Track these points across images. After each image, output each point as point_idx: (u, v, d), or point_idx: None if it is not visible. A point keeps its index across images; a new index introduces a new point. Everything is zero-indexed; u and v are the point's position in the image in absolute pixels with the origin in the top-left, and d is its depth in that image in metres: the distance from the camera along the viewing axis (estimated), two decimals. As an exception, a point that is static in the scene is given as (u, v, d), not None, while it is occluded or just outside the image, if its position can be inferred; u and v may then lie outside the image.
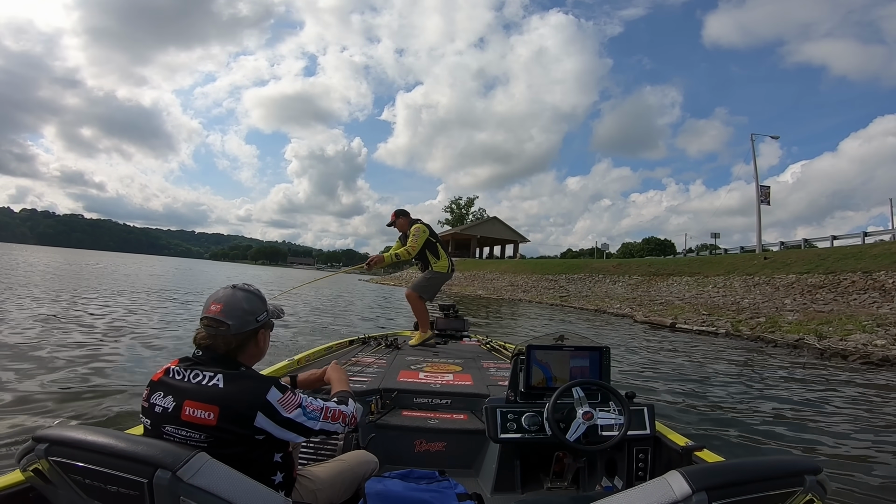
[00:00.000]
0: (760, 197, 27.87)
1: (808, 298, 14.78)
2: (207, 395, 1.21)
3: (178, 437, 1.20)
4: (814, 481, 1.01)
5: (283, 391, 1.28)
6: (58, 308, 9.10)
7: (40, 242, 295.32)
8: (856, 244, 21.83)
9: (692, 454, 1.84)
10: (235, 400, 1.22)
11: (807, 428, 4.13)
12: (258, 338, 1.38)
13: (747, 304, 15.44)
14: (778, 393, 5.60)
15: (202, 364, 1.28)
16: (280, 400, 1.26)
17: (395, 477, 1.51)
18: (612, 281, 27.05)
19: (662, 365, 7.25)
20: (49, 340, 5.93)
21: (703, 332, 12.08)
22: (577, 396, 1.90)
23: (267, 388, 1.25)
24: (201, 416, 1.19)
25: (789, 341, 9.90)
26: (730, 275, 20.86)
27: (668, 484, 0.95)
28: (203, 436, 1.19)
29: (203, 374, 1.25)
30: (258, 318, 1.36)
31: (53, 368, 4.65)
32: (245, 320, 1.32)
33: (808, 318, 11.72)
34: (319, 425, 1.34)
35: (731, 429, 4.02)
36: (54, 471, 1.01)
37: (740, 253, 28.14)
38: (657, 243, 58.22)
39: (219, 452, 1.10)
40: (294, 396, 1.30)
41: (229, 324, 1.30)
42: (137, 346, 6.28)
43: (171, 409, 1.21)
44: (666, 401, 4.92)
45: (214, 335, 1.30)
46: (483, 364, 3.40)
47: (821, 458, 3.44)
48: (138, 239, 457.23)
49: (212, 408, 1.19)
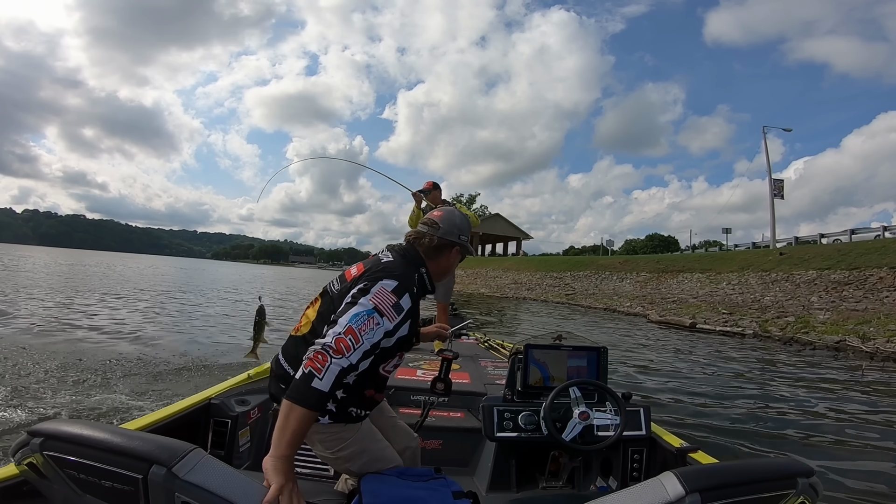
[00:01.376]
0: (774, 191, 26.81)
1: (835, 296, 13.77)
2: (370, 262, 1.42)
3: (330, 287, 1.43)
4: (806, 484, 1.00)
5: (394, 293, 1.31)
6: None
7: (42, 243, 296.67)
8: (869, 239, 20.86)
9: (687, 455, 1.83)
10: (369, 272, 1.37)
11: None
12: (452, 252, 1.53)
13: (770, 303, 14.45)
14: (872, 418, 4.43)
15: (395, 250, 1.48)
16: (380, 292, 1.30)
17: (391, 474, 1.45)
18: (619, 278, 26.14)
19: (702, 373, 6.31)
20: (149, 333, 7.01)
21: (728, 332, 11.14)
22: (573, 396, 1.90)
23: (394, 277, 1.34)
24: (353, 272, 1.41)
25: (828, 343, 8.95)
26: (744, 271, 19.94)
27: (661, 485, 0.95)
28: (339, 286, 1.40)
29: (384, 254, 1.46)
30: (461, 237, 1.53)
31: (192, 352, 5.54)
32: (451, 230, 1.51)
33: (843, 318, 10.76)
34: (345, 326, 1.24)
35: (850, 479, 3.04)
36: (49, 465, 0.99)
37: (752, 249, 27.16)
38: (661, 240, 57.22)
39: (328, 305, 1.37)
40: (389, 308, 1.29)
41: (439, 226, 1.50)
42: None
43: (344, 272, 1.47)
44: (726, 427, 4.04)
45: (424, 233, 1.50)
46: (481, 362, 3.39)
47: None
48: (140, 239, 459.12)
49: (359, 266, 1.42)
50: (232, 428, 2.04)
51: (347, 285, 1.38)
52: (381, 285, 1.31)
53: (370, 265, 1.41)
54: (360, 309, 1.25)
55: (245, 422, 2.13)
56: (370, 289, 1.30)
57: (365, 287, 1.31)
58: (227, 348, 6.50)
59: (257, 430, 2.21)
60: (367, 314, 1.25)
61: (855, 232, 23.16)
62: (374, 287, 1.30)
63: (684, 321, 12.61)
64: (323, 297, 1.44)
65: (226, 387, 2.24)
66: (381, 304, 1.28)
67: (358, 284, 1.33)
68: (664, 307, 16.21)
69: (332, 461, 1.47)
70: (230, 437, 2.03)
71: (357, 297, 1.29)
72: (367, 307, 1.26)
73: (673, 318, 13.30)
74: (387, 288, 1.31)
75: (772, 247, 25.11)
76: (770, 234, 26.82)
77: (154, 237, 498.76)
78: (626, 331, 11.85)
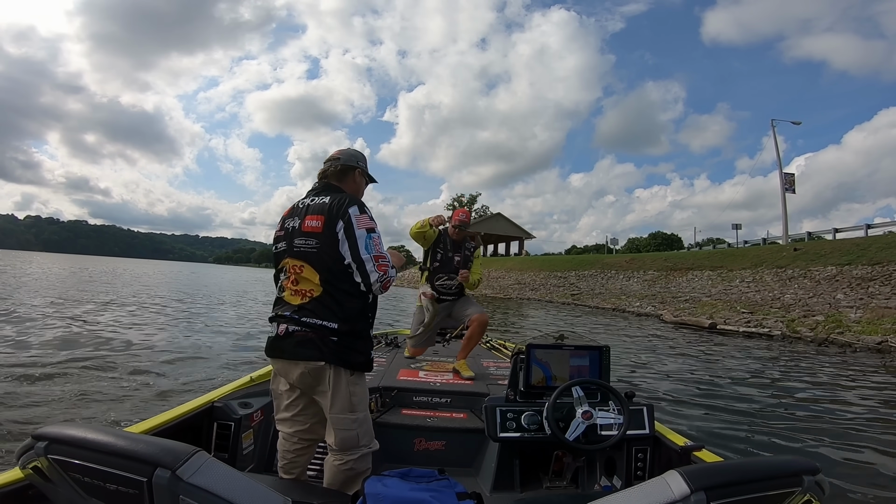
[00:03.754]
0: (785, 185, 25.90)
1: (861, 293, 12.92)
2: (317, 209, 1.61)
3: (303, 247, 1.59)
4: (812, 482, 0.98)
5: (364, 212, 1.61)
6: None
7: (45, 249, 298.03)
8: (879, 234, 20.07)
9: (691, 454, 1.81)
10: (331, 209, 1.59)
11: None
12: (355, 174, 1.78)
13: (791, 301, 13.59)
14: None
15: (316, 192, 1.70)
16: (357, 216, 1.58)
17: (394, 476, 1.43)
18: (626, 277, 25.34)
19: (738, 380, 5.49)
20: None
21: (752, 333, 10.30)
22: (576, 396, 1.89)
23: (352, 203, 1.61)
24: (314, 224, 1.58)
25: (869, 344, 8.11)
26: (758, 268, 19.16)
27: (666, 483, 0.94)
28: (315, 241, 1.57)
29: (317, 197, 1.67)
30: (359, 162, 1.80)
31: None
32: (351, 159, 1.78)
33: (877, 317, 9.91)
34: (369, 256, 1.56)
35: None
36: (54, 469, 0.98)
37: (763, 245, 26.29)
38: (664, 238, 56.15)
39: (323, 261, 1.56)
40: (370, 221, 1.61)
41: (339, 157, 1.77)
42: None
43: (298, 226, 1.61)
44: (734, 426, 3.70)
45: (328, 168, 1.75)
46: (483, 363, 3.37)
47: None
48: (143, 244, 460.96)
49: (319, 217, 1.59)
50: (235, 431, 2.04)
51: (324, 232, 1.57)
52: (351, 214, 1.58)
53: (324, 210, 1.60)
54: (363, 237, 1.57)
55: (248, 424, 2.11)
56: (351, 221, 1.56)
57: (346, 222, 1.56)
58: (228, 350, 6.45)
59: (260, 432, 2.20)
60: (369, 237, 1.58)
61: (871, 226, 22.34)
62: (352, 218, 1.57)
63: (702, 321, 11.77)
64: (306, 262, 1.59)
65: (228, 390, 2.25)
66: (369, 224, 1.60)
67: (335, 224, 1.57)
68: (677, 307, 15.38)
69: (347, 425, 1.57)
70: (233, 440, 2.03)
71: (350, 232, 1.56)
72: (364, 234, 1.57)
73: (689, 319, 12.46)
74: (357, 212, 1.59)
75: (784, 242, 24.25)
76: (782, 229, 25.92)
77: (157, 242, 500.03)
78: (640, 332, 11.04)
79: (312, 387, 1.58)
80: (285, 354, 1.57)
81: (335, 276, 1.56)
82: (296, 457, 1.70)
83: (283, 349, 1.57)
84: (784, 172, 26.41)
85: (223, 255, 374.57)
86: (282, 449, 1.71)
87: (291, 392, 1.65)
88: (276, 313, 1.62)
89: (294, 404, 1.66)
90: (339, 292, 1.56)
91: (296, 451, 1.69)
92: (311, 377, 1.56)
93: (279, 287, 1.66)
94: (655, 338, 9.98)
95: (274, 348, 1.61)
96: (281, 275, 1.65)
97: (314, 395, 1.60)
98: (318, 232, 1.57)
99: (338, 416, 1.56)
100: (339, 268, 1.56)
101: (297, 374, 1.57)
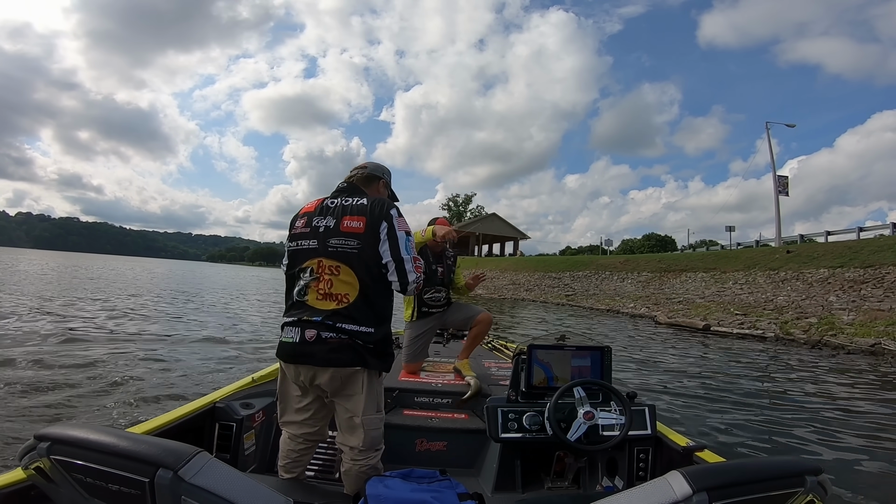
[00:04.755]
0: (778, 187, 26.06)
1: (854, 295, 12.96)
2: (357, 210, 1.62)
3: (341, 248, 1.57)
4: (814, 482, 0.98)
5: (401, 215, 1.66)
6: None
7: (36, 246, 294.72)
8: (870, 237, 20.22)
9: (693, 454, 1.81)
10: (373, 210, 1.61)
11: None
12: (380, 184, 1.82)
13: (784, 303, 13.63)
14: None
15: (347, 192, 1.71)
16: (397, 218, 1.63)
17: (396, 476, 1.44)
18: (620, 278, 25.36)
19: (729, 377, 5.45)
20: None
21: (746, 335, 10.30)
22: (578, 396, 1.89)
23: (391, 206, 1.65)
24: (355, 225, 1.58)
25: (863, 346, 8.11)
26: (750, 270, 19.19)
27: (668, 484, 0.94)
28: (356, 242, 1.57)
29: (350, 198, 1.67)
30: (384, 174, 1.86)
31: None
32: (378, 169, 1.84)
33: (870, 319, 9.94)
34: (409, 257, 1.61)
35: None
36: (56, 469, 0.99)
37: (756, 247, 26.43)
38: (658, 239, 56.36)
39: (364, 262, 1.56)
40: (406, 224, 1.66)
41: (367, 167, 1.82)
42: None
43: (333, 226, 1.60)
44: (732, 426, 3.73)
45: (355, 174, 1.79)
46: (484, 363, 3.37)
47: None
48: (135, 241, 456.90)
49: (360, 218, 1.60)
50: (237, 431, 2.04)
51: (366, 233, 1.59)
52: (393, 216, 1.63)
53: (365, 211, 1.62)
54: (403, 238, 1.62)
55: (250, 425, 2.11)
56: (393, 223, 1.61)
57: (389, 223, 1.61)
58: (229, 351, 6.37)
59: (262, 433, 2.20)
60: (408, 239, 1.64)
61: (863, 229, 22.53)
62: (394, 220, 1.62)
63: (697, 323, 11.77)
64: (345, 263, 1.57)
65: (230, 390, 2.25)
66: (407, 227, 1.66)
67: (378, 226, 1.60)
68: (671, 308, 15.39)
69: (377, 424, 1.61)
70: (235, 441, 2.03)
71: (392, 233, 1.60)
72: (404, 235, 1.63)
73: (683, 320, 12.45)
74: (397, 214, 1.65)
75: (777, 244, 24.38)
76: (775, 232, 26.06)
77: (149, 240, 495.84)
78: (635, 334, 11.01)
79: (337, 391, 1.57)
80: (315, 360, 1.53)
81: (373, 277, 1.57)
82: (300, 456, 1.72)
83: (313, 355, 1.52)
84: (777, 175, 26.58)
85: (216, 253, 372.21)
86: (286, 448, 1.71)
87: (304, 396, 1.65)
88: (300, 318, 1.55)
89: (306, 408, 1.66)
90: (375, 295, 1.58)
91: (300, 451, 1.71)
92: (340, 381, 1.55)
93: (301, 289, 1.58)
94: (651, 339, 9.95)
95: (298, 354, 1.55)
96: (303, 275, 1.58)
97: (336, 398, 1.59)
98: (360, 233, 1.57)
99: (369, 417, 1.58)
100: (377, 269, 1.58)
101: (324, 378, 1.55)
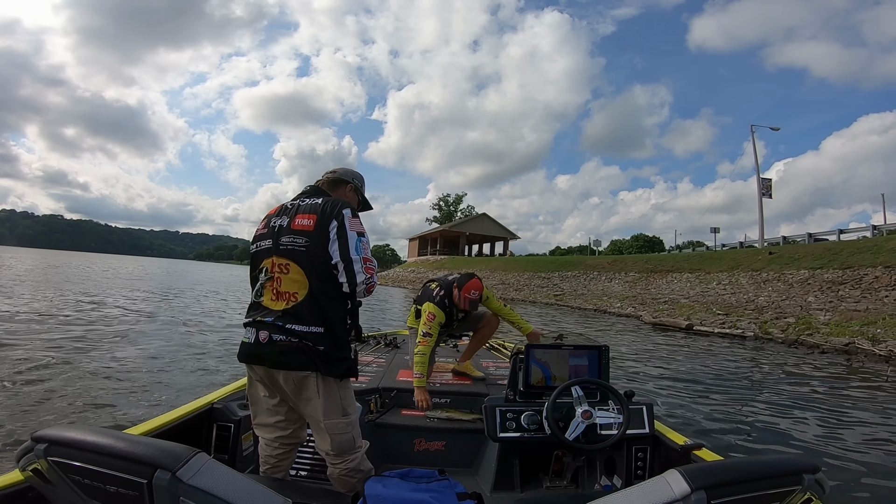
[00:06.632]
0: (762, 189, 26.57)
1: (832, 296, 13.32)
2: (309, 208, 1.61)
3: (290, 245, 1.55)
4: (812, 480, 0.98)
5: (356, 216, 1.63)
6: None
7: (20, 244, 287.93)
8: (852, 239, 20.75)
9: (691, 453, 1.80)
10: (324, 209, 1.59)
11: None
12: (347, 189, 1.83)
13: (765, 303, 13.93)
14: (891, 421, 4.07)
15: (307, 195, 1.70)
16: (350, 218, 1.59)
17: (395, 476, 1.44)
18: (608, 278, 25.66)
19: (705, 374, 5.61)
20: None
21: (727, 334, 10.52)
22: (576, 395, 1.88)
23: (346, 205, 1.63)
24: (305, 223, 1.57)
25: (837, 346, 8.35)
26: (734, 271, 19.61)
27: (666, 482, 0.94)
28: (304, 239, 1.55)
29: (308, 199, 1.67)
30: (354, 179, 1.87)
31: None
32: (347, 174, 1.86)
33: (845, 319, 10.23)
34: (358, 257, 1.56)
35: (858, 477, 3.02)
36: (53, 471, 0.98)
37: (740, 248, 26.91)
38: (646, 240, 56.98)
39: (311, 260, 1.54)
40: (360, 225, 1.63)
41: (336, 171, 1.85)
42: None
43: (286, 224, 1.59)
44: (730, 424, 3.82)
45: (323, 177, 1.83)
46: (482, 363, 3.34)
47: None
48: (120, 239, 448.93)
49: (311, 216, 1.58)
50: (235, 432, 2.04)
51: (315, 231, 1.56)
52: (345, 215, 1.59)
53: (316, 210, 1.60)
54: (353, 238, 1.57)
55: (248, 426, 2.06)
56: (344, 222, 1.57)
57: (340, 223, 1.57)
58: (227, 352, 6.34)
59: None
60: (360, 239, 1.59)
61: (843, 231, 23.07)
62: (345, 219, 1.58)
63: (680, 322, 11.99)
64: (293, 261, 1.55)
65: (227, 391, 2.25)
66: (360, 228, 1.62)
67: (328, 224, 1.57)
68: (656, 308, 15.63)
69: (342, 428, 1.56)
70: (233, 442, 2.03)
71: (342, 233, 1.56)
72: (355, 236, 1.58)
73: (668, 320, 12.67)
74: (350, 214, 1.61)
75: (760, 246, 24.86)
76: (758, 234, 26.58)
77: (135, 238, 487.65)
78: (621, 332, 11.18)
79: (296, 394, 1.55)
80: (266, 362, 1.53)
81: (321, 276, 1.54)
82: (279, 461, 1.68)
83: (265, 356, 1.52)
84: (762, 178, 27.07)
85: (204, 251, 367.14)
86: (263, 454, 1.69)
87: (271, 398, 1.62)
88: (255, 318, 1.56)
89: (275, 410, 1.64)
90: (323, 294, 1.53)
91: (278, 455, 1.68)
92: (294, 385, 1.53)
93: (257, 290, 1.59)
94: (636, 338, 10.12)
95: (252, 355, 1.56)
96: (260, 275, 1.58)
97: (297, 401, 1.57)
98: (309, 230, 1.56)
99: (331, 421, 1.54)
100: (325, 268, 1.54)
101: (279, 381, 1.54)
